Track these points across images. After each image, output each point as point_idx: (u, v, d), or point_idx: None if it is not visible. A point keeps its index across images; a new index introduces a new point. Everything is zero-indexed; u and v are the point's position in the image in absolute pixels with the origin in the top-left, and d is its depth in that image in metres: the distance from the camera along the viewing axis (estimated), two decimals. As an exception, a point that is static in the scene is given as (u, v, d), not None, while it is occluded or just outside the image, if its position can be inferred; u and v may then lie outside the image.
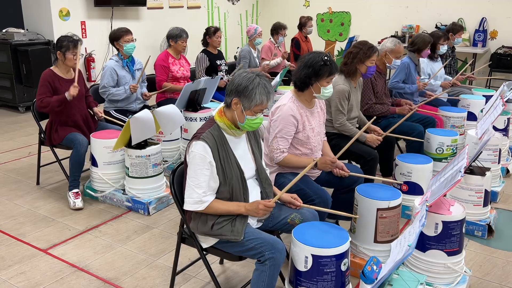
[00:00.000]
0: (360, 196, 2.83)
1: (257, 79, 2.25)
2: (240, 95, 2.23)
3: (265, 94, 2.24)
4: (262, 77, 2.29)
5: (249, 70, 2.36)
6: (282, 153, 2.90)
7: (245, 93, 2.22)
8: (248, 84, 2.22)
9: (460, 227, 2.59)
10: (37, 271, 2.92)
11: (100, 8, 7.19)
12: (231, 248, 2.32)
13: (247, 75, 2.26)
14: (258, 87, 2.22)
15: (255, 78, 2.25)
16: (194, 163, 2.26)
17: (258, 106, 2.25)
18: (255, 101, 2.22)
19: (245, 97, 2.23)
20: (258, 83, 2.23)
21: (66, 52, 3.77)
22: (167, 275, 2.88)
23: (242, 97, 2.23)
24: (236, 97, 2.25)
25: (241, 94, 2.23)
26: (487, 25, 8.25)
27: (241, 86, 2.23)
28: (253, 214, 2.29)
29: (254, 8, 10.21)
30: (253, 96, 2.22)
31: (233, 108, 2.27)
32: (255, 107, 2.24)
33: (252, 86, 2.22)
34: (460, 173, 2.44)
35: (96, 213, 3.69)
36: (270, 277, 2.19)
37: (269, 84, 2.29)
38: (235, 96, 2.25)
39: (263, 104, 2.26)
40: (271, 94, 2.27)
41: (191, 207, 2.30)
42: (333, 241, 2.22)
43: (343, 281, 2.26)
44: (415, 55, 4.70)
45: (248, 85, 2.22)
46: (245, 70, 2.35)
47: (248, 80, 2.23)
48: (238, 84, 2.24)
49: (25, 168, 4.62)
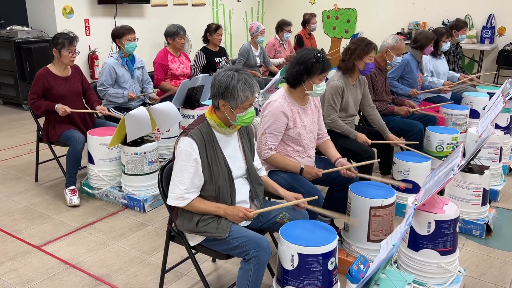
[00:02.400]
0: (353, 194, 2.80)
1: (236, 75, 2.21)
2: (224, 96, 2.20)
3: (247, 88, 2.20)
4: (240, 72, 2.24)
5: (227, 67, 2.31)
6: (270, 150, 2.86)
7: (228, 93, 2.19)
8: (228, 84, 2.19)
9: (453, 226, 2.54)
10: (30, 268, 2.93)
11: (104, 5, 7.20)
12: (218, 246, 2.30)
13: (225, 74, 2.22)
14: (238, 84, 2.19)
15: (233, 75, 2.20)
16: (180, 158, 2.24)
17: (245, 102, 2.22)
18: (240, 99, 2.20)
19: (229, 97, 2.20)
20: (238, 80, 2.19)
21: (61, 50, 3.78)
22: (159, 273, 2.85)
23: (226, 98, 2.20)
24: (222, 99, 2.22)
25: (224, 95, 2.20)
26: (495, 21, 8.12)
27: (221, 88, 2.20)
28: (231, 218, 2.26)
29: (260, 5, 10.17)
30: (236, 94, 2.19)
31: (222, 109, 2.25)
32: (242, 104, 2.22)
33: (232, 84, 2.18)
34: (453, 171, 2.40)
35: (92, 210, 3.70)
36: (255, 276, 2.16)
37: (249, 77, 2.24)
38: (220, 98, 2.22)
39: (249, 99, 2.22)
40: (254, 87, 2.24)
41: (173, 202, 2.28)
42: (320, 240, 2.18)
43: (331, 280, 2.22)
44: (418, 52, 4.62)
45: (228, 85, 2.19)
46: (223, 68, 2.30)
47: (227, 79, 2.19)
48: (218, 86, 2.21)
49: (24, 165, 4.64)
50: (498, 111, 3.64)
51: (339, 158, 3.06)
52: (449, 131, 4.06)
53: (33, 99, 3.78)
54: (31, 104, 3.80)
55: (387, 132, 3.78)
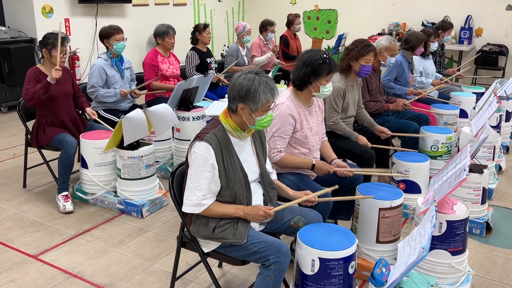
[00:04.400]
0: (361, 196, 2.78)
1: (257, 78, 2.17)
2: (245, 100, 2.15)
3: (268, 91, 2.16)
4: (261, 75, 2.21)
5: (244, 69, 2.27)
6: (280, 153, 2.84)
7: (249, 96, 2.14)
8: (250, 87, 2.14)
9: (464, 226, 2.56)
10: (28, 279, 2.80)
11: (84, 5, 7.01)
12: (234, 252, 2.25)
13: (246, 77, 2.17)
14: (260, 87, 2.15)
15: (254, 78, 2.16)
16: (196, 164, 2.18)
17: (265, 105, 2.18)
18: (261, 102, 2.15)
19: (250, 101, 2.15)
20: (259, 83, 2.15)
21: (52, 50, 3.64)
22: (165, 280, 2.80)
23: (246, 101, 2.15)
24: (241, 103, 2.17)
25: (245, 98, 2.15)
26: (473, 22, 8.31)
27: (242, 91, 2.15)
28: (251, 219, 2.23)
29: (241, 5, 10.12)
30: (257, 97, 2.14)
31: (240, 113, 2.20)
32: (262, 107, 2.17)
33: (253, 87, 2.14)
34: (465, 172, 2.41)
35: (87, 217, 3.58)
36: (275, 282, 2.12)
37: (270, 80, 2.21)
38: (239, 101, 2.17)
39: (270, 102, 2.19)
40: (275, 89, 2.20)
41: (189, 209, 2.22)
42: (341, 244, 2.16)
43: (350, 283, 2.20)
44: (409, 53, 4.67)
45: (249, 88, 2.14)
46: (241, 71, 2.25)
47: (248, 82, 2.15)
48: (239, 89, 2.15)
49: (10, 170, 4.47)
50: (492, 111, 3.70)
51: (335, 159, 3.06)
52: (443, 131, 4.11)
53: (27, 89, 3.56)
54: (26, 95, 3.55)
55: (375, 125, 3.84)
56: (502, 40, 8.10)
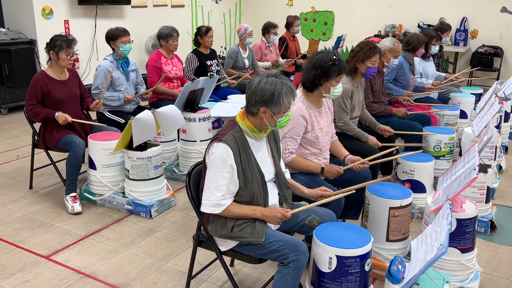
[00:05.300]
0: (371, 195, 2.83)
1: (279, 82, 2.21)
2: (268, 104, 2.19)
3: (290, 94, 2.21)
4: (280, 78, 2.25)
5: (263, 73, 2.29)
6: (291, 154, 2.88)
7: (273, 100, 2.18)
8: (274, 91, 2.18)
9: (473, 224, 2.62)
10: (42, 279, 2.82)
11: (84, 6, 7.02)
12: (252, 251, 2.28)
13: (267, 81, 2.20)
14: (283, 90, 2.19)
15: (276, 82, 2.20)
16: (215, 165, 2.21)
17: (287, 107, 2.23)
18: (284, 105, 2.21)
19: (273, 104, 2.19)
20: (282, 85, 2.20)
21: (59, 52, 3.66)
22: (178, 279, 2.83)
23: (270, 105, 2.20)
24: (263, 106, 2.20)
25: (268, 102, 2.19)
26: (468, 24, 8.42)
27: (266, 95, 2.18)
28: (269, 220, 2.27)
29: (237, 7, 10.16)
30: (281, 101, 2.19)
31: (261, 116, 2.24)
32: (284, 109, 2.22)
33: (277, 91, 2.18)
34: (475, 171, 2.47)
35: (96, 217, 3.60)
36: (294, 280, 2.17)
37: (289, 81, 2.26)
38: (262, 105, 2.20)
39: (291, 104, 2.25)
40: (295, 91, 2.26)
41: (208, 209, 2.25)
42: (357, 242, 2.21)
43: (366, 281, 2.25)
44: (410, 55, 4.74)
45: (273, 92, 2.18)
46: (259, 75, 2.27)
47: (271, 86, 2.18)
48: (262, 94, 2.19)
49: (14, 172, 4.47)
50: (494, 112, 3.77)
51: (347, 155, 3.11)
52: (445, 131, 4.18)
53: (32, 105, 3.63)
54: (29, 111, 3.64)
55: (377, 124, 3.90)
56: (497, 42, 8.21)
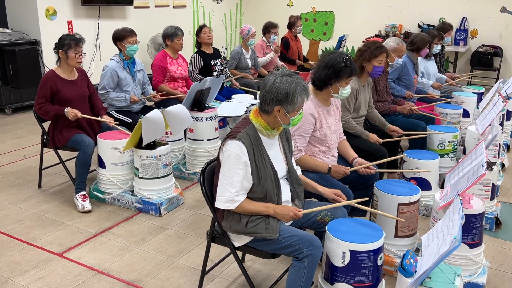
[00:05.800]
0: (380, 192, 2.89)
1: (293, 81, 2.25)
2: (282, 103, 2.24)
3: (304, 92, 2.26)
4: (294, 77, 2.30)
5: (277, 73, 2.30)
6: (300, 152, 2.93)
7: (287, 100, 2.23)
8: (288, 90, 2.22)
9: (481, 220, 2.67)
10: (56, 276, 2.86)
11: (87, 7, 7.06)
12: (266, 246, 2.33)
13: (281, 81, 2.24)
14: (297, 89, 2.23)
15: (291, 82, 2.24)
16: (229, 162, 2.26)
17: (300, 105, 2.28)
18: (298, 103, 2.25)
19: (288, 103, 2.24)
20: (296, 84, 2.24)
21: (68, 51, 3.70)
22: (190, 275, 2.88)
23: (284, 104, 2.24)
24: (278, 105, 2.25)
25: (283, 101, 2.23)
26: (468, 24, 8.49)
27: (281, 94, 2.22)
28: (281, 218, 2.31)
29: (238, 7, 10.21)
30: (295, 100, 2.24)
31: (275, 114, 2.28)
32: (298, 107, 2.27)
33: (292, 90, 2.22)
34: (483, 167, 2.52)
35: (106, 215, 3.64)
36: (309, 274, 2.21)
37: (302, 80, 2.31)
38: (276, 104, 2.25)
39: (305, 102, 2.29)
40: (309, 90, 2.30)
41: (223, 205, 2.30)
42: (370, 236, 2.26)
43: (378, 275, 2.30)
44: (414, 54, 4.80)
45: (288, 92, 2.22)
46: (273, 74, 2.31)
47: (286, 86, 2.22)
48: (277, 93, 2.23)
49: (22, 171, 4.50)
50: (498, 110, 3.83)
51: (356, 158, 3.15)
52: (449, 130, 4.23)
53: (41, 103, 3.67)
54: (39, 109, 3.69)
55: (386, 125, 3.94)
56: (496, 42, 8.29)
